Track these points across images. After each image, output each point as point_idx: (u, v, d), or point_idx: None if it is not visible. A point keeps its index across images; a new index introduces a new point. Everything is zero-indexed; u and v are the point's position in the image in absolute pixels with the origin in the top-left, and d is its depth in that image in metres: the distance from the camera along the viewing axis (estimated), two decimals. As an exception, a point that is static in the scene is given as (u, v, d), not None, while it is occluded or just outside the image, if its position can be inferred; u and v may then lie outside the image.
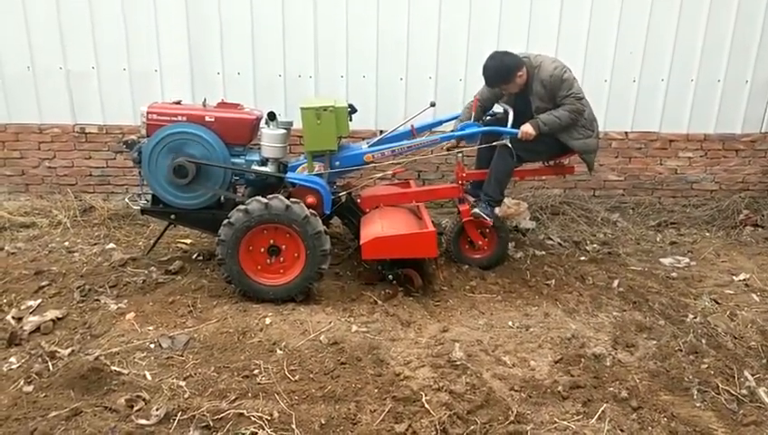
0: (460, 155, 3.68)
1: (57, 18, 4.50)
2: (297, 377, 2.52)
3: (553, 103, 3.46)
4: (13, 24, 4.50)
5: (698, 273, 3.84)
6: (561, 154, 3.74)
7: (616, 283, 3.61)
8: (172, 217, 3.46)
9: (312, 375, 2.54)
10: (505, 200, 4.09)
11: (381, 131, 4.18)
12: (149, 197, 3.49)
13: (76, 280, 3.41)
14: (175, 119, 3.31)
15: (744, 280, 3.71)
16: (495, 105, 3.84)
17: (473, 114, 3.72)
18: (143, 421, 2.21)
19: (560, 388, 2.48)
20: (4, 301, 3.15)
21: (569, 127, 3.48)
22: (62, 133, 4.76)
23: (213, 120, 3.33)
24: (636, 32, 4.77)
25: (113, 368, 2.51)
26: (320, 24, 4.63)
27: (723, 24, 4.78)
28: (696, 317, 3.16)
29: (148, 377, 2.50)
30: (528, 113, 3.52)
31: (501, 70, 3.44)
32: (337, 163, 3.52)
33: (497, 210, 3.75)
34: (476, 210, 3.59)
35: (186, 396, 2.37)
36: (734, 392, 2.51)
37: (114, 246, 4.03)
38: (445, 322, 3.06)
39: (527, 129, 3.41)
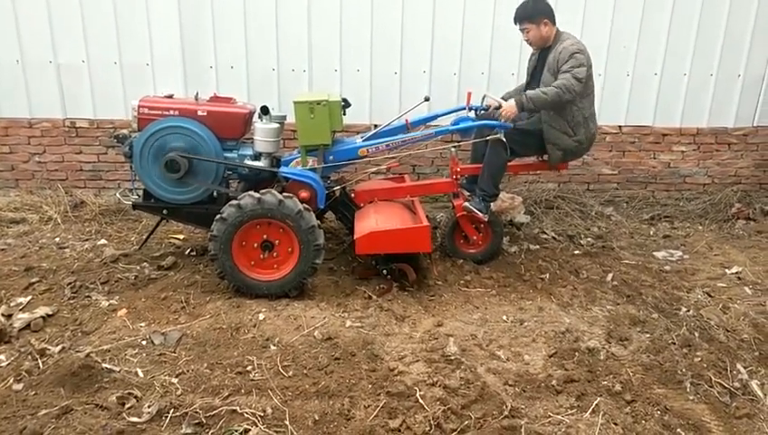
0: (454, 149, 3.67)
1: (47, 10, 4.44)
2: (291, 373, 2.51)
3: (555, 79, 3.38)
4: (1, 16, 4.43)
5: (691, 266, 3.85)
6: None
7: (610, 276, 3.62)
8: (164, 212, 3.43)
9: (305, 371, 2.53)
10: (500, 194, 4.08)
11: (376, 125, 4.15)
12: (141, 192, 3.47)
13: (67, 276, 3.38)
14: (167, 113, 3.27)
15: (737, 273, 3.72)
16: (488, 99, 3.83)
17: (467, 107, 3.72)
18: (135, 419, 2.19)
19: (554, 382, 2.49)
20: (-6, 298, 3.12)
21: (557, 112, 3.41)
22: (53, 128, 4.71)
23: (205, 114, 3.30)
24: (629, 26, 4.77)
25: (104, 365, 2.49)
26: (314, 18, 4.60)
27: (715, 19, 4.79)
28: (688, 310, 3.17)
29: (140, 374, 2.48)
30: None
31: (530, 6, 3.49)
32: (331, 157, 3.50)
33: (492, 205, 3.74)
34: (467, 204, 3.58)
35: (178, 393, 2.36)
36: (726, 385, 2.52)
37: (105, 241, 3.99)
38: (439, 316, 3.06)
39: (508, 105, 3.36)
